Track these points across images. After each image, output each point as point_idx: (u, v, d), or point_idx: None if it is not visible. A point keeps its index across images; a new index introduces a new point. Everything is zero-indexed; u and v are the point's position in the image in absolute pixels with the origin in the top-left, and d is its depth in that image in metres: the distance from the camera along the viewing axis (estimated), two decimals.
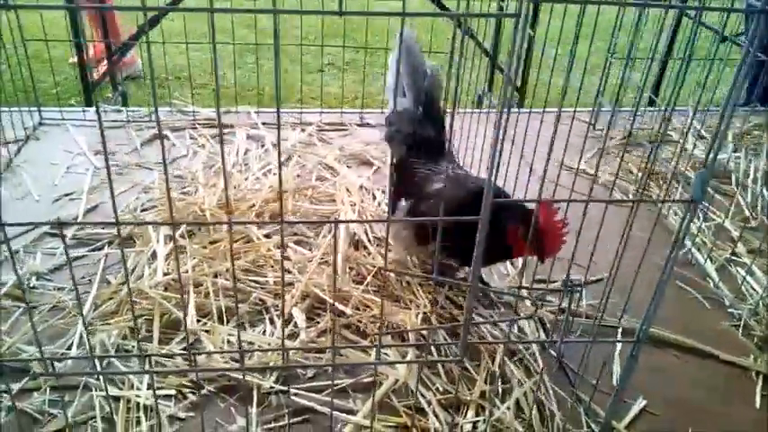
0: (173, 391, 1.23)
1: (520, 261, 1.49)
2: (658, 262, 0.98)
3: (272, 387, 1.25)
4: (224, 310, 1.40)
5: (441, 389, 1.26)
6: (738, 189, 1.98)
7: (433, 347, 1.35)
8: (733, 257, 1.69)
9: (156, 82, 3.63)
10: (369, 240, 1.64)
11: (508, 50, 0.79)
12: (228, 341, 1.33)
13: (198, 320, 1.38)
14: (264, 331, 1.37)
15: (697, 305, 1.56)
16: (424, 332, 1.34)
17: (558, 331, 1.21)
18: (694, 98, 2.29)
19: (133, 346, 1.29)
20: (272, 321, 1.40)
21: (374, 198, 1.84)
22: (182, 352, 1.29)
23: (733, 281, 1.62)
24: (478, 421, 1.20)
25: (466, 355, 1.32)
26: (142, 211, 1.72)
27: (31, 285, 1.46)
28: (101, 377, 1.19)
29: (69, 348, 1.30)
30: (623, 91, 2.02)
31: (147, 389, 1.21)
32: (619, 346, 1.39)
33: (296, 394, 1.24)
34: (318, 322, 1.40)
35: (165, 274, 1.47)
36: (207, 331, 1.35)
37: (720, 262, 1.67)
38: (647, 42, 2.38)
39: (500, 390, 1.27)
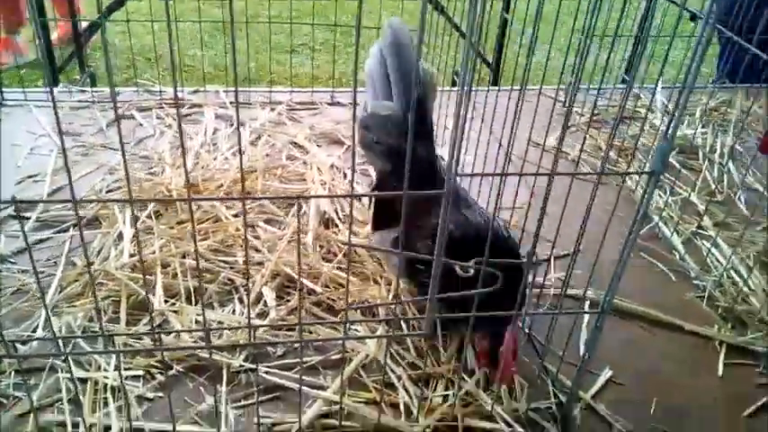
0: (140, 372, 1.22)
1: None
2: (626, 235, 1.00)
3: (241, 366, 1.25)
4: (192, 291, 1.39)
5: (411, 363, 1.27)
6: (705, 164, 2.01)
7: (402, 322, 1.35)
8: (699, 231, 1.71)
9: (125, 63, 3.57)
10: (339, 219, 1.63)
11: (470, 24, 0.78)
12: (197, 321, 1.32)
13: (166, 301, 1.37)
14: (234, 311, 1.37)
15: (663, 278, 1.58)
16: (392, 307, 1.34)
17: (527, 306, 1.22)
18: (664, 76, 2.32)
19: (100, 328, 1.28)
20: (241, 301, 1.39)
21: (345, 176, 1.83)
22: (147, 331, 1.28)
23: (698, 253, 1.65)
24: (448, 395, 1.21)
25: (434, 330, 1.32)
26: (108, 192, 1.70)
27: None
28: (67, 358, 1.18)
29: (34, 331, 1.28)
30: (597, 69, 2.03)
31: (114, 370, 1.20)
32: (586, 318, 1.40)
33: (266, 372, 1.24)
34: (289, 300, 1.40)
35: (131, 256, 1.45)
36: (175, 311, 1.34)
37: (686, 235, 1.70)
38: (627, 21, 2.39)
39: (469, 363, 1.28)
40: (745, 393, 1.29)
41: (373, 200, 1.40)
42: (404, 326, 1.36)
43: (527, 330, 1.37)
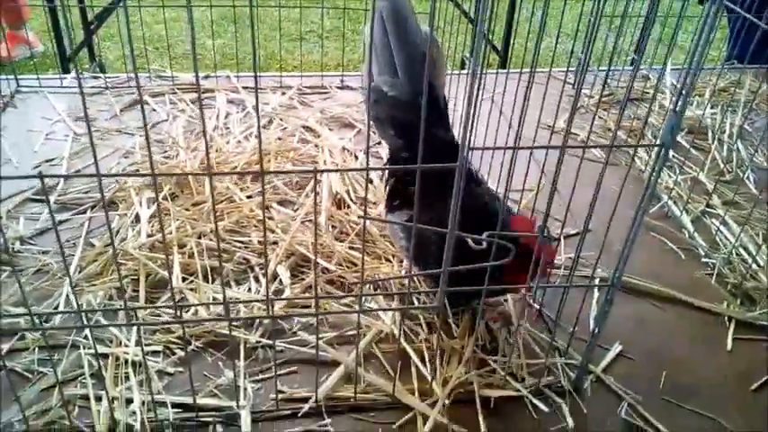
0: (160, 348, 1.26)
1: None
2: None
3: (258, 342, 1.28)
4: (209, 270, 1.42)
5: (425, 340, 1.29)
6: (714, 144, 2.02)
7: (415, 299, 1.38)
8: (708, 209, 1.73)
9: (135, 51, 3.59)
10: (351, 199, 1.65)
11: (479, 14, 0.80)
12: (214, 298, 1.35)
13: (183, 279, 1.39)
14: (250, 289, 1.40)
15: (673, 256, 1.60)
16: (404, 282, 1.36)
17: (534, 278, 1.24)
18: (675, 59, 2.32)
19: (120, 305, 1.31)
20: (257, 279, 1.42)
21: (356, 159, 1.86)
22: (167, 304, 1.30)
23: (708, 232, 1.66)
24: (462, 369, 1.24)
25: (450, 305, 1.35)
26: (137, 174, 1.73)
27: (16, 249, 1.46)
28: (88, 333, 1.21)
29: (56, 308, 1.32)
30: (605, 52, 2.04)
31: (135, 345, 1.23)
32: (596, 296, 1.42)
33: (282, 351, 1.27)
34: (303, 279, 1.42)
35: (149, 236, 1.48)
36: (192, 290, 1.37)
37: (696, 214, 1.71)
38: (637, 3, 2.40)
39: (481, 338, 1.31)
40: (754, 368, 1.31)
41: (387, 177, 1.39)
42: (416, 301, 1.38)
43: (538, 306, 1.40)
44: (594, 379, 1.26)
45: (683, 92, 0.91)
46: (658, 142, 0.96)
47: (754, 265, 1.51)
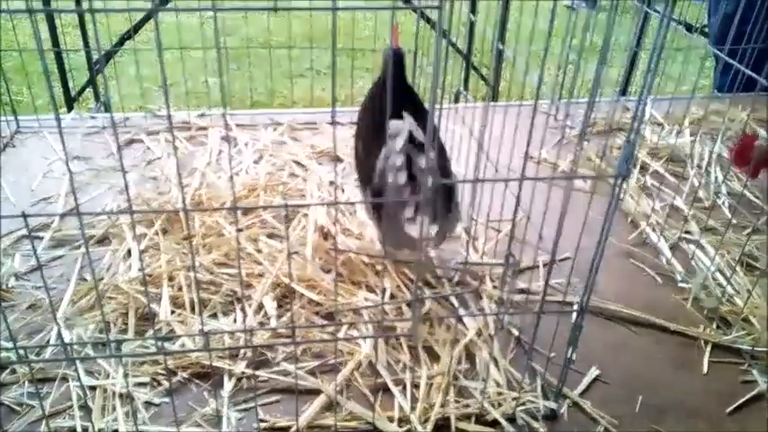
0: (147, 379, 1.29)
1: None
2: (613, 242, 1.05)
3: (243, 372, 1.31)
4: (197, 302, 1.46)
5: (407, 366, 1.32)
6: (693, 171, 2.06)
7: (397, 325, 1.41)
8: (686, 235, 1.76)
9: (138, 91, 3.69)
10: (337, 231, 1.70)
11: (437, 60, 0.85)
12: (200, 330, 1.39)
13: (172, 312, 1.44)
14: (235, 320, 1.44)
15: (650, 281, 1.63)
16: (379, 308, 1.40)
17: (505, 305, 1.28)
18: (659, 89, 2.38)
19: (107, 337, 1.35)
20: (243, 310, 1.46)
21: (343, 191, 1.91)
22: (149, 337, 1.35)
23: (685, 257, 1.69)
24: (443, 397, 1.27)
25: (420, 333, 1.38)
26: (118, 212, 1.78)
27: (11, 285, 1.51)
28: (76, 365, 1.25)
29: (47, 342, 1.36)
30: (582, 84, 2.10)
31: (124, 377, 1.27)
32: (573, 320, 1.45)
33: (267, 380, 1.30)
34: (288, 310, 1.46)
35: (139, 270, 1.53)
36: (181, 322, 1.41)
37: (673, 240, 1.74)
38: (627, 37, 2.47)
39: (462, 366, 1.34)
40: (730, 390, 1.34)
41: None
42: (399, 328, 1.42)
43: (517, 333, 1.43)
44: (571, 404, 1.29)
45: (635, 123, 0.97)
46: (615, 173, 1.01)
47: (729, 289, 1.54)
